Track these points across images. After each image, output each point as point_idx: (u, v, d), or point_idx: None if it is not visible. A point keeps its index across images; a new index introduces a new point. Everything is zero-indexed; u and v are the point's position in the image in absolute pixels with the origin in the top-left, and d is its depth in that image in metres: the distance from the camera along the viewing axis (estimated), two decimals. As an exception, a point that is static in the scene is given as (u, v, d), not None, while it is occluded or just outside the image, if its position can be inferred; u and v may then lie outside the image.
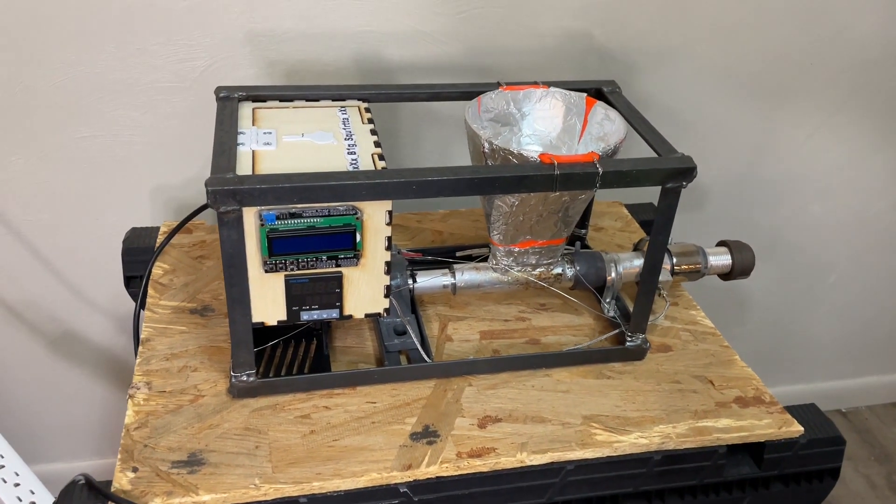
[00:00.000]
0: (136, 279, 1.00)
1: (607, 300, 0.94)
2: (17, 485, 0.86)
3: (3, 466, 0.87)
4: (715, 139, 1.41)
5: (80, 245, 1.27)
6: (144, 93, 1.18)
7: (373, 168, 0.76)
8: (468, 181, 0.74)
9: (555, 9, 1.22)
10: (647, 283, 0.85)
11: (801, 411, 0.87)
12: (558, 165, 0.75)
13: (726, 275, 0.98)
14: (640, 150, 0.85)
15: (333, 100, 0.89)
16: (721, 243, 0.98)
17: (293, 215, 0.73)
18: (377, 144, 0.80)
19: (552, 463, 0.79)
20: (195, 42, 1.15)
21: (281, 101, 0.88)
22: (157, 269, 0.98)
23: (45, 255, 1.28)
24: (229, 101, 0.85)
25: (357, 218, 0.74)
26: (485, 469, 0.78)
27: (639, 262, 0.93)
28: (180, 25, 1.13)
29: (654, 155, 0.81)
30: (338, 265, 0.77)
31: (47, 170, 1.20)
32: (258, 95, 0.87)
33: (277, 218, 0.72)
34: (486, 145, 0.80)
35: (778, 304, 1.66)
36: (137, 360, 0.86)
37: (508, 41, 1.23)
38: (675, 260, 0.95)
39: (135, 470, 0.74)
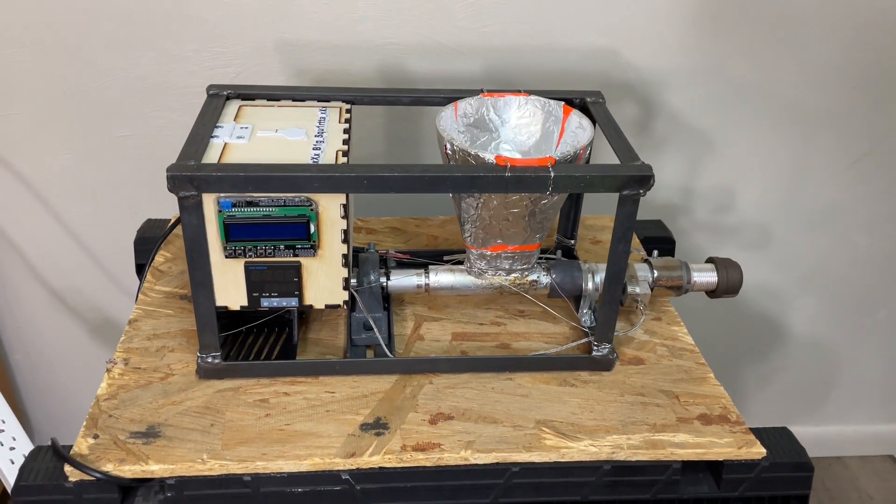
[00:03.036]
0: (144, 266, 1.07)
1: (584, 310, 0.94)
2: (12, 448, 0.93)
3: (2, 430, 0.94)
4: (750, 163, 1.37)
5: (121, 237, 1.35)
6: (181, 96, 1.25)
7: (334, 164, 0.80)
8: (418, 178, 0.76)
9: (579, 25, 1.23)
10: (609, 292, 0.85)
11: (769, 434, 0.84)
12: (510, 168, 0.76)
13: (712, 292, 0.95)
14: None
15: (319, 100, 0.93)
16: (709, 260, 0.96)
17: (249, 203, 0.77)
18: (345, 143, 0.83)
19: (497, 463, 0.79)
20: (228, 50, 1.22)
21: (269, 100, 0.92)
22: (160, 258, 1.04)
23: (87, 245, 1.37)
24: (217, 98, 0.90)
25: (312, 209, 0.77)
26: (427, 464, 0.79)
27: (618, 274, 0.93)
28: (214, 34, 1.20)
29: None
30: (295, 255, 0.80)
31: (91, 166, 1.30)
32: (247, 94, 0.92)
33: (234, 205, 0.76)
34: (448, 146, 0.82)
35: (821, 339, 1.59)
36: (121, 338, 0.91)
37: (530, 57, 1.25)
38: (655, 274, 0.94)
39: (95, 437, 0.79)
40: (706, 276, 0.94)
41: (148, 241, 1.07)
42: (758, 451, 0.81)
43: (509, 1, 1.20)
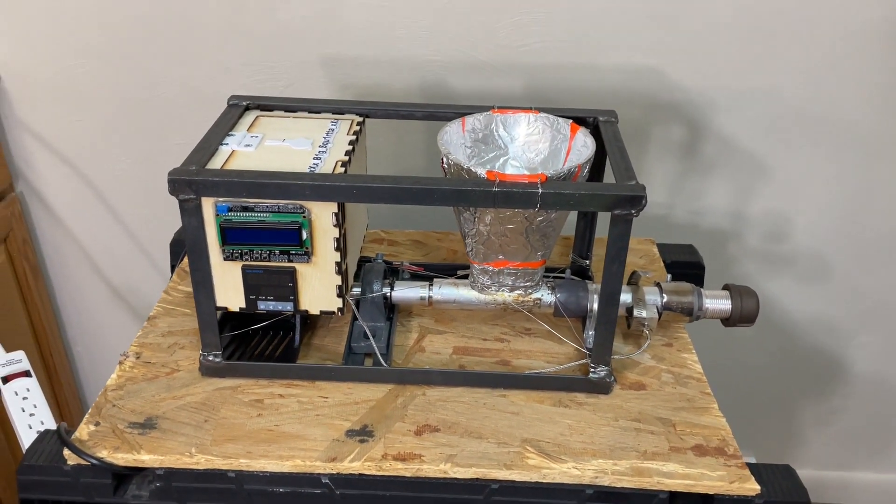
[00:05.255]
0: (177, 268, 1.11)
1: (589, 331, 0.92)
2: (38, 432, 0.98)
3: (33, 415, 1.00)
4: (806, 189, 1.32)
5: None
6: (233, 107, 1.30)
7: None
8: (407, 190, 0.77)
9: (622, 44, 1.22)
10: (604, 313, 0.83)
11: (769, 470, 0.81)
12: (498, 183, 0.76)
13: (726, 320, 0.92)
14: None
15: (334, 113, 0.95)
16: (725, 287, 0.93)
17: (245, 208, 0.79)
18: (347, 154, 0.85)
19: (476, 479, 0.79)
20: (276, 64, 1.26)
21: (286, 111, 0.95)
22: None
23: (144, 246, 1.44)
24: (236, 108, 0.94)
25: (304, 216, 0.79)
26: (406, 473, 0.79)
27: (626, 296, 0.91)
28: (263, 49, 1.25)
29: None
30: (290, 260, 0.82)
31: (148, 171, 1.37)
32: (266, 105, 0.95)
33: (230, 210, 0.79)
34: (444, 160, 0.82)
35: (887, 378, 1.50)
36: (138, 333, 0.96)
37: (572, 75, 1.24)
38: (665, 298, 0.91)
39: (97, 424, 0.83)
40: (720, 304, 0.91)
41: (182, 244, 1.11)
42: (751, 487, 0.78)
43: (551, 20, 1.20)
